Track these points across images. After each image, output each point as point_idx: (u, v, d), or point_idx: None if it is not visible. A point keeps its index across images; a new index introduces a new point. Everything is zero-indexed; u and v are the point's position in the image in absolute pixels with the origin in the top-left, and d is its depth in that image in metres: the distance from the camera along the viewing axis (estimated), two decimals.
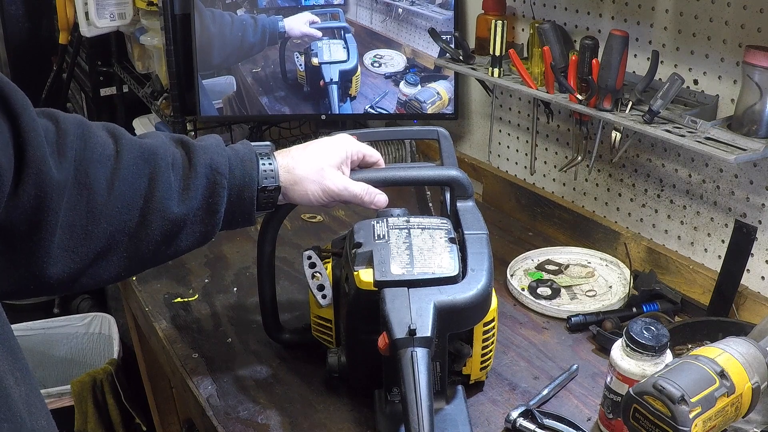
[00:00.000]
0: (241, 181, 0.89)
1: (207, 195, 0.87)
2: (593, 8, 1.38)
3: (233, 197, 0.89)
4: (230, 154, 0.90)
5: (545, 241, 1.53)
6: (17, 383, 0.62)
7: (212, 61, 1.79)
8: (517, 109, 1.65)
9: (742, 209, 1.22)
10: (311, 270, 1.04)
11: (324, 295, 1.02)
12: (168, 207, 0.83)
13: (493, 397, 1.07)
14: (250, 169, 0.90)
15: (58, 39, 2.80)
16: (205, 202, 0.87)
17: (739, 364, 0.81)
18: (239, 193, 0.89)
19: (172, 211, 0.83)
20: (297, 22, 1.77)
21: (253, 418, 1.02)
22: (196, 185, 0.86)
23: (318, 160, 0.96)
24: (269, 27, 1.77)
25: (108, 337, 2.31)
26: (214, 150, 0.89)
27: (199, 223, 0.87)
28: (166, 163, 0.84)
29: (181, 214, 0.84)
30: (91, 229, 0.78)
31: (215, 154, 0.88)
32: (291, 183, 0.94)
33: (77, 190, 0.77)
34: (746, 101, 1.08)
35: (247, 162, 0.91)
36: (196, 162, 0.87)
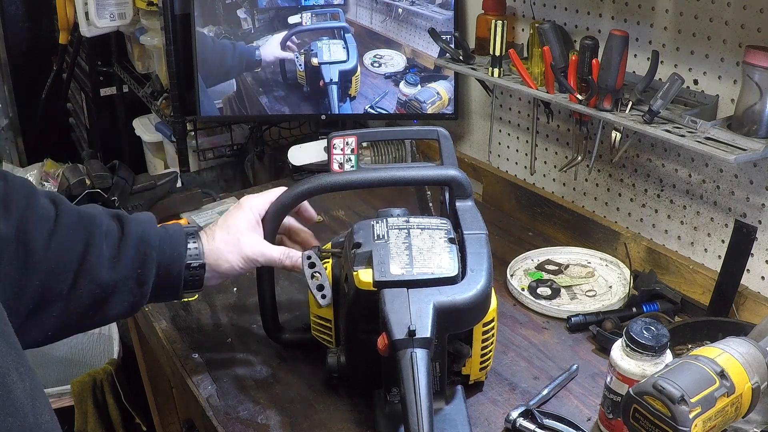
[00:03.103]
0: (170, 256, 0.94)
1: (137, 265, 0.91)
2: (593, 8, 1.38)
3: (162, 271, 0.94)
4: (161, 231, 0.96)
5: (545, 241, 1.53)
6: (21, 378, 0.63)
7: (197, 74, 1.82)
8: (517, 109, 1.65)
9: (742, 209, 1.22)
10: (311, 270, 1.04)
11: (323, 295, 1.02)
12: (99, 273, 0.87)
13: (493, 397, 1.07)
14: (179, 245, 0.95)
15: (58, 39, 2.80)
16: (135, 272, 0.91)
17: (739, 364, 0.81)
18: (167, 267, 0.94)
19: (102, 277, 0.88)
20: (269, 51, 1.81)
21: (253, 418, 1.02)
22: (126, 255, 0.90)
23: (233, 231, 1.00)
24: (246, 53, 1.80)
25: (108, 337, 2.31)
26: (147, 224, 0.94)
27: (128, 292, 0.91)
28: (101, 231, 0.89)
29: (111, 281, 0.89)
30: (24, 284, 0.81)
31: (147, 227, 0.94)
32: (215, 259, 0.98)
33: (15, 246, 0.81)
34: (746, 101, 1.08)
35: (176, 239, 0.96)
36: (128, 233, 0.91)
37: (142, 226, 0.94)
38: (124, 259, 0.90)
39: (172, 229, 0.97)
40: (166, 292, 0.96)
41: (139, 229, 0.93)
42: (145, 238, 0.92)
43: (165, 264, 0.94)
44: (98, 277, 0.87)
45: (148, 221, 0.96)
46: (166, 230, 0.97)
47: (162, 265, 0.93)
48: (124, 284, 0.90)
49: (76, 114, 3.32)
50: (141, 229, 0.93)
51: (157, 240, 0.93)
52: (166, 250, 0.94)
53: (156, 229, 0.95)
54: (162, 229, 0.97)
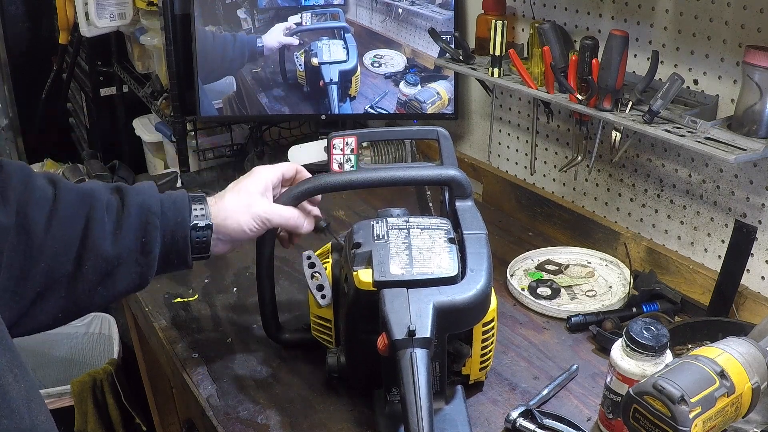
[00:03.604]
0: (173, 221, 0.92)
1: (140, 235, 0.90)
2: (593, 8, 1.38)
3: (167, 237, 0.92)
4: (163, 197, 0.94)
5: (545, 241, 1.53)
6: (16, 380, 0.63)
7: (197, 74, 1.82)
8: (517, 109, 1.65)
9: (742, 209, 1.22)
10: (310, 270, 1.04)
11: (323, 295, 1.03)
12: (102, 247, 0.86)
13: (493, 397, 1.07)
14: (182, 209, 0.94)
15: (58, 39, 2.80)
16: (139, 242, 0.89)
17: (739, 364, 0.81)
18: (172, 233, 0.92)
19: (106, 251, 0.86)
20: (272, 37, 1.79)
21: (253, 418, 1.02)
22: (128, 225, 0.89)
23: (243, 193, 0.99)
24: (248, 44, 1.80)
25: (108, 337, 2.31)
26: (147, 193, 0.93)
27: (134, 263, 0.89)
28: (101, 205, 0.88)
29: (115, 254, 0.87)
30: (29, 269, 0.81)
31: (147, 196, 0.92)
32: (222, 218, 0.97)
33: (16, 232, 0.80)
34: (746, 101, 1.08)
35: (180, 203, 0.94)
36: (128, 203, 0.90)
37: (143, 195, 0.92)
38: (126, 230, 0.88)
39: (175, 194, 0.95)
40: (174, 260, 0.94)
41: (139, 197, 0.91)
42: (146, 206, 0.91)
43: (170, 229, 0.92)
44: (102, 251, 0.86)
45: (148, 189, 0.94)
46: (168, 196, 0.95)
47: (167, 232, 0.91)
48: (129, 255, 0.88)
49: (76, 114, 3.32)
50: (141, 197, 0.91)
51: (159, 206, 0.92)
52: (170, 215, 0.92)
53: (157, 196, 0.93)
54: (165, 195, 0.95)
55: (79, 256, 0.85)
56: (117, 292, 0.89)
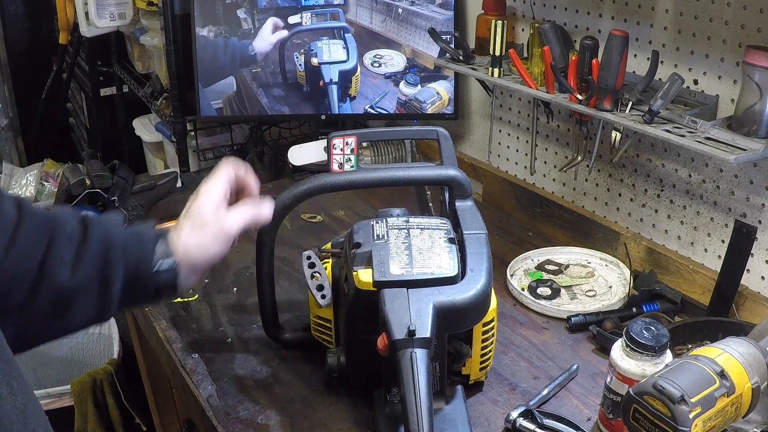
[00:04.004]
0: (137, 256, 0.88)
1: (100, 266, 0.86)
2: (593, 8, 1.38)
3: (129, 272, 0.88)
4: (126, 232, 0.90)
5: (545, 241, 1.53)
6: (12, 393, 0.61)
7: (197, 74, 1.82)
8: (517, 109, 1.65)
9: (742, 209, 1.22)
10: (310, 270, 1.04)
11: (323, 295, 1.03)
12: (59, 276, 0.82)
13: (493, 397, 1.07)
14: (145, 244, 0.89)
15: (58, 39, 2.80)
16: (98, 275, 0.85)
17: (739, 364, 0.81)
18: (136, 268, 0.88)
19: (62, 281, 0.82)
20: (262, 39, 1.79)
21: (253, 418, 1.02)
22: (88, 256, 0.85)
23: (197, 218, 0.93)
24: (239, 50, 1.79)
25: (108, 337, 2.31)
26: (111, 224, 0.89)
27: (92, 297, 0.85)
28: (63, 234, 0.84)
29: (72, 285, 0.83)
30: None
31: (111, 227, 0.89)
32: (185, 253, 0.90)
33: None
34: (746, 101, 1.08)
35: (144, 238, 0.90)
36: (90, 234, 0.86)
37: (105, 226, 0.88)
38: (85, 261, 0.84)
39: (140, 229, 0.92)
40: (140, 295, 0.90)
41: (101, 228, 0.88)
42: (107, 238, 0.87)
43: (132, 264, 0.88)
44: (58, 282, 0.82)
45: (113, 221, 0.90)
46: (133, 230, 0.91)
47: (129, 267, 0.87)
48: (88, 288, 0.85)
49: (76, 114, 3.32)
50: (104, 228, 0.88)
51: (121, 240, 0.88)
52: (132, 249, 0.88)
53: (120, 229, 0.90)
54: (130, 229, 0.91)
55: (34, 285, 0.81)
56: (71, 326, 0.86)
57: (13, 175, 2.94)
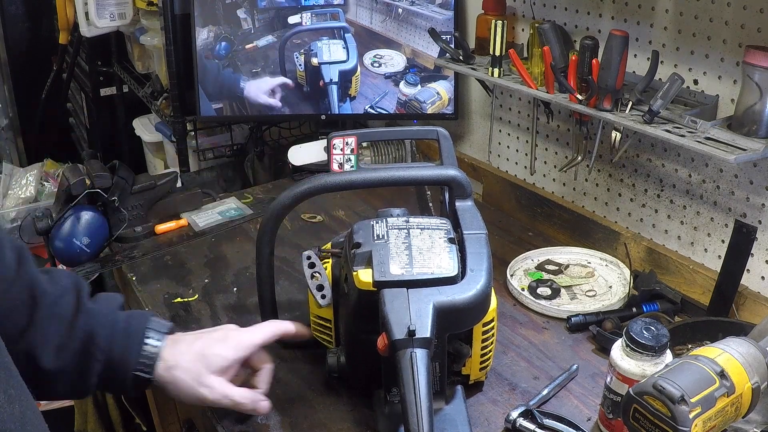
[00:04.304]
0: (118, 357, 0.89)
1: (81, 359, 0.86)
2: (593, 8, 1.38)
3: (107, 371, 0.88)
4: (116, 329, 0.89)
5: (545, 241, 1.53)
6: (10, 401, 0.60)
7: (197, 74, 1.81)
8: (517, 109, 1.64)
9: (742, 209, 1.22)
10: (310, 270, 1.04)
11: (323, 295, 1.03)
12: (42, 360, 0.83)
13: (493, 397, 1.07)
14: (132, 347, 0.89)
15: (58, 39, 2.80)
16: (78, 366, 0.87)
17: (739, 364, 0.81)
18: (113, 368, 0.89)
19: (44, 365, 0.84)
20: (256, 89, 1.80)
21: (253, 418, 1.02)
22: (72, 347, 0.86)
23: (198, 362, 0.93)
24: (228, 83, 1.80)
25: None
26: (103, 313, 0.89)
27: (69, 381, 0.87)
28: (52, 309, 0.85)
29: (53, 370, 0.85)
30: None
31: (102, 317, 0.89)
32: (166, 380, 0.92)
33: None
34: (746, 101, 1.08)
35: (132, 338, 0.90)
36: (78, 321, 0.87)
37: (95, 320, 0.88)
38: (68, 350, 0.85)
39: (134, 325, 0.91)
40: (111, 388, 0.92)
41: (90, 322, 0.88)
42: (94, 331, 0.87)
43: (110, 365, 0.88)
44: (41, 365, 0.83)
45: (105, 311, 0.90)
46: (124, 323, 0.90)
47: (109, 362, 0.88)
48: (65, 373, 0.86)
49: (76, 114, 3.32)
50: (92, 323, 0.88)
51: (108, 336, 0.88)
52: (117, 348, 0.88)
53: (112, 318, 0.89)
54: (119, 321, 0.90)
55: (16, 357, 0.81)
56: (47, 397, 0.87)
57: (13, 175, 2.94)
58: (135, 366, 0.90)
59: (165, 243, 1.54)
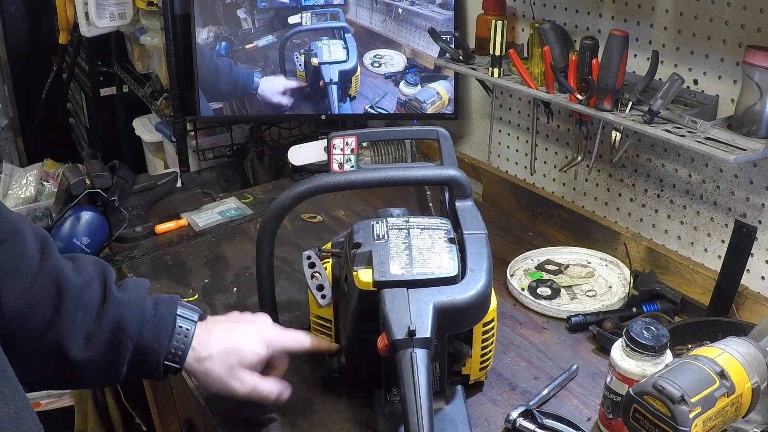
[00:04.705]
0: (149, 346, 0.88)
1: (110, 348, 0.85)
2: (593, 8, 1.38)
3: (137, 359, 0.87)
4: (146, 315, 0.88)
5: (545, 241, 1.53)
6: (5, 402, 0.60)
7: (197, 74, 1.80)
8: (517, 109, 1.64)
9: (742, 209, 1.22)
10: (310, 270, 1.04)
11: (323, 295, 1.03)
12: (70, 351, 0.82)
13: (493, 397, 1.07)
14: (163, 336, 0.88)
15: (58, 39, 2.80)
16: (107, 357, 0.85)
17: (739, 364, 0.81)
18: (143, 357, 0.88)
19: (74, 356, 0.82)
20: (271, 87, 1.79)
21: (252, 418, 1.02)
22: (101, 337, 0.84)
23: (232, 357, 0.92)
24: (242, 80, 1.79)
25: None
26: (129, 304, 0.87)
27: (99, 370, 0.86)
28: (77, 300, 0.83)
29: (83, 360, 0.83)
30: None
31: (128, 309, 0.87)
32: (196, 370, 0.91)
33: None
34: (746, 101, 1.08)
35: (162, 327, 0.89)
36: (106, 312, 0.85)
37: (122, 309, 0.86)
38: (96, 341, 0.84)
39: (162, 311, 0.90)
40: (142, 375, 0.90)
41: (118, 311, 0.86)
42: (123, 321, 0.86)
43: (141, 353, 0.87)
44: (70, 355, 0.82)
45: (133, 299, 0.88)
46: (155, 313, 0.89)
47: (138, 354, 0.87)
48: (96, 363, 0.85)
49: (76, 114, 3.32)
50: (121, 308, 0.86)
51: (137, 325, 0.87)
52: (146, 338, 0.87)
53: (138, 312, 0.88)
54: (150, 310, 0.89)
55: (43, 349, 0.81)
56: (79, 386, 0.87)
57: (13, 175, 2.94)
58: (166, 355, 0.89)
59: (165, 243, 1.54)
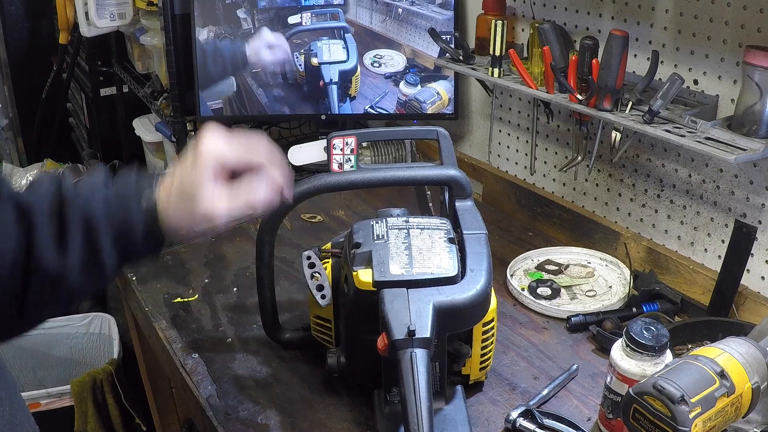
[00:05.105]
0: (122, 221, 0.82)
1: (86, 243, 0.81)
2: (593, 8, 1.38)
3: (118, 237, 0.82)
4: (108, 194, 0.83)
5: (545, 241, 1.53)
6: (0, 404, 0.60)
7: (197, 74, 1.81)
8: (517, 109, 1.64)
9: (742, 209, 1.22)
10: (310, 270, 1.04)
11: (323, 295, 1.03)
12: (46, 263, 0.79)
13: (493, 397, 1.07)
14: (131, 204, 0.83)
15: (58, 39, 2.80)
16: (86, 251, 0.81)
17: (739, 364, 0.81)
18: (123, 233, 0.82)
19: (50, 267, 0.79)
20: (255, 50, 1.78)
21: (253, 418, 1.02)
22: (72, 236, 0.80)
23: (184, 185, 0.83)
24: (228, 53, 1.78)
25: (108, 337, 2.31)
26: (90, 191, 0.83)
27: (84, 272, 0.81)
28: (41, 217, 0.80)
29: (61, 268, 0.79)
30: None
31: (91, 195, 0.82)
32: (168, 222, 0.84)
33: None
34: (746, 101, 1.08)
35: (128, 197, 0.83)
36: (69, 212, 0.81)
37: (84, 196, 0.82)
38: (70, 242, 0.79)
39: (122, 185, 0.84)
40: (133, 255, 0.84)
41: (80, 201, 0.81)
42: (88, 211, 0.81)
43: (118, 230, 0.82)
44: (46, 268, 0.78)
45: (93, 185, 0.83)
46: (115, 191, 0.83)
47: (117, 233, 0.82)
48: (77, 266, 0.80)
49: (76, 114, 3.32)
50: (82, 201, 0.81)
51: (104, 209, 0.81)
52: (117, 215, 0.81)
53: (102, 193, 0.83)
54: (110, 191, 0.83)
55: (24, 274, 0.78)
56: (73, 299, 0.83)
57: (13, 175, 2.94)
58: (140, 219, 0.82)
59: None
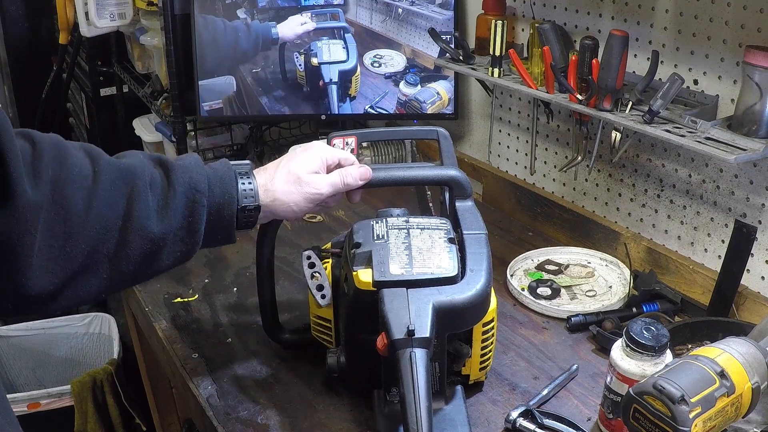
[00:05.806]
0: (220, 199, 0.91)
1: (187, 214, 0.88)
2: (593, 8, 1.38)
3: (213, 216, 0.90)
4: (209, 173, 0.91)
5: (545, 241, 1.53)
6: None
7: (206, 66, 1.79)
8: (517, 109, 1.64)
9: (742, 209, 1.22)
10: (310, 270, 1.04)
11: (323, 295, 1.03)
12: (147, 227, 0.83)
13: (493, 397, 1.07)
14: (229, 188, 0.92)
15: (58, 39, 2.80)
16: (185, 221, 0.88)
17: (739, 364, 0.81)
18: (219, 211, 0.91)
19: (151, 231, 0.84)
20: (289, 27, 1.78)
21: (252, 418, 1.02)
22: (175, 204, 0.87)
23: (293, 171, 0.97)
24: (262, 33, 1.78)
25: (108, 337, 2.31)
26: (193, 169, 0.90)
27: (179, 242, 0.88)
28: (144, 183, 0.85)
29: (161, 233, 0.85)
30: (69, 249, 0.78)
31: (194, 173, 0.90)
32: (271, 200, 0.95)
33: (54, 211, 0.77)
34: (746, 101, 1.08)
35: (227, 181, 0.92)
36: (174, 181, 0.88)
37: (189, 173, 0.89)
38: (173, 209, 0.86)
39: (221, 170, 0.93)
40: (218, 236, 0.93)
41: (186, 175, 0.89)
42: (192, 184, 0.88)
43: (215, 209, 0.90)
44: (147, 232, 0.83)
45: (194, 165, 0.91)
46: (215, 172, 0.92)
47: (213, 210, 0.90)
48: (175, 234, 0.87)
49: (76, 114, 3.32)
50: (188, 175, 0.89)
51: (206, 184, 0.89)
52: (216, 193, 0.90)
53: (204, 172, 0.91)
54: (210, 169, 0.92)
55: (123, 236, 0.82)
56: (160, 269, 0.88)
57: None
58: (239, 201, 0.92)
59: None
